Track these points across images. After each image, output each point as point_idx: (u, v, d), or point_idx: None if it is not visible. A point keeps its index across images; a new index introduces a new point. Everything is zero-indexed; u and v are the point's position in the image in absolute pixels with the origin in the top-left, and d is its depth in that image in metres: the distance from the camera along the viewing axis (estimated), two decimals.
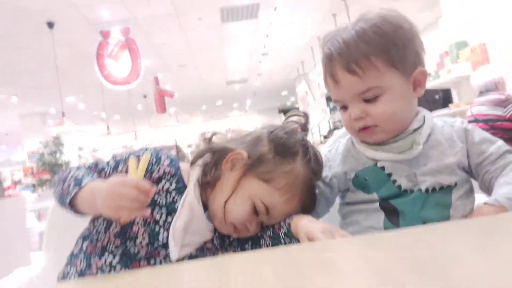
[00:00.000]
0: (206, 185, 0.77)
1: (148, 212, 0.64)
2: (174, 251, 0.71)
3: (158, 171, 0.75)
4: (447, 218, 0.74)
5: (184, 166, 0.80)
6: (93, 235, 0.76)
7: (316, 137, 9.21)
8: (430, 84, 4.65)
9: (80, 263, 0.75)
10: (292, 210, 0.77)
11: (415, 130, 0.79)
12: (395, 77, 0.75)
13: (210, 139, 0.81)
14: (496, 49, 3.90)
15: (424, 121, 0.80)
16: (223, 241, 0.82)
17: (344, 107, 0.80)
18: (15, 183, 9.64)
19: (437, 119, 0.86)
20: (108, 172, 0.76)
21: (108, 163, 0.77)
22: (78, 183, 0.67)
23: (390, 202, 0.78)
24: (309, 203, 0.79)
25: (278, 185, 0.74)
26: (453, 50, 4.38)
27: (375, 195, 0.80)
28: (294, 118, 2.86)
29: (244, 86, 11.53)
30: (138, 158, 0.71)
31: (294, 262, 0.46)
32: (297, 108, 12.63)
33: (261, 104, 16.12)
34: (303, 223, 0.73)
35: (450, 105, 4.10)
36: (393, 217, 0.78)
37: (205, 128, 17.76)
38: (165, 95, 9.31)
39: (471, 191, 0.80)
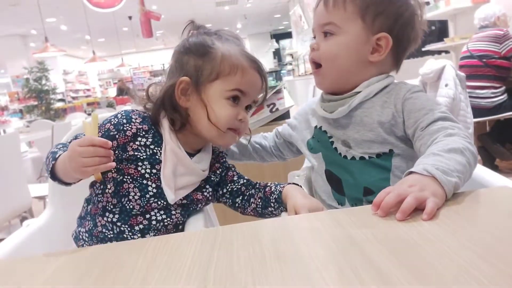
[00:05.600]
0: (182, 127, 0.81)
1: (113, 164, 0.67)
2: (170, 195, 0.79)
3: (131, 129, 0.78)
4: (387, 180, 0.79)
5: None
6: (94, 198, 0.83)
7: (308, 65, 9.00)
8: (428, 15, 4.50)
9: (88, 223, 0.83)
10: (259, 77, 0.82)
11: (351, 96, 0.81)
12: (357, 27, 0.78)
13: (147, 94, 0.83)
14: None
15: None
16: (215, 192, 0.90)
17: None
18: (2, 109, 9.48)
19: (399, 85, 0.81)
20: None
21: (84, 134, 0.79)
22: (54, 157, 0.73)
23: (332, 171, 0.85)
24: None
25: (225, 72, 0.78)
26: None
27: (319, 155, 0.88)
28: None
29: (234, 7, 10.97)
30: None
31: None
32: (290, 33, 12.07)
33: (252, 28, 15.48)
34: (294, 195, 0.78)
35: (445, 39, 4.03)
36: (338, 187, 0.85)
37: None
38: (151, 17, 8.83)
39: (415, 158, 0.73)
